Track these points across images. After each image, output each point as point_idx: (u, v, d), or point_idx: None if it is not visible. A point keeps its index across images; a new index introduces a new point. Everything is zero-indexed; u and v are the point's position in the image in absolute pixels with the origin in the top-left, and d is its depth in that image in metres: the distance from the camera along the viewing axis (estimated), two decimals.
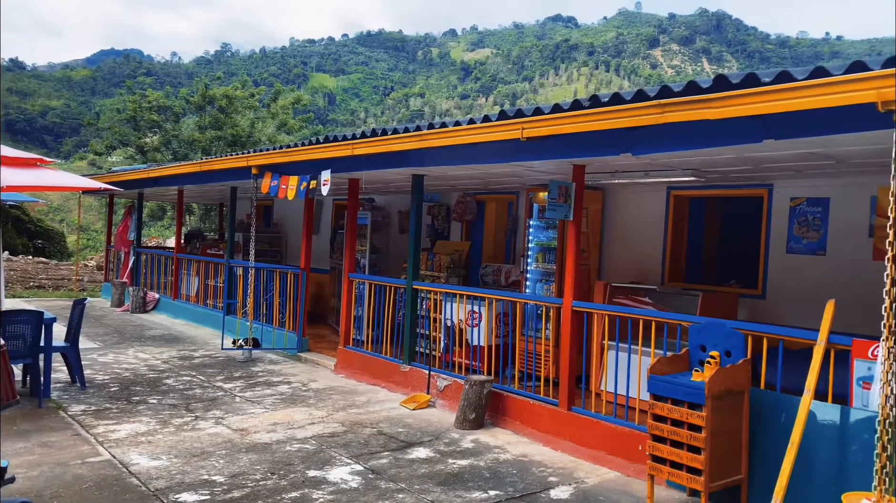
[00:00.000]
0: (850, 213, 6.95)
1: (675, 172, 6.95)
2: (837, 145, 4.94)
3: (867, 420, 4.40)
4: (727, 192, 8.07)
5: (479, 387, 6.84)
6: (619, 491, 5.29)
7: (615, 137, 5.41)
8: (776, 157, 5.67)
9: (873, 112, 3.80)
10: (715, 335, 5.12)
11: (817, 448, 4.64)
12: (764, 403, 4.98)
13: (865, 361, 4.52)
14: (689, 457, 4.71)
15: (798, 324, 5.87)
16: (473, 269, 10.77)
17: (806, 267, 7.28)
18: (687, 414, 4.72)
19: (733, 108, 4.37)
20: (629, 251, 8.94)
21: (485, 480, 5.38)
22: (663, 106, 4.74)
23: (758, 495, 4.83)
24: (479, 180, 9.44)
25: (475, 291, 7.99)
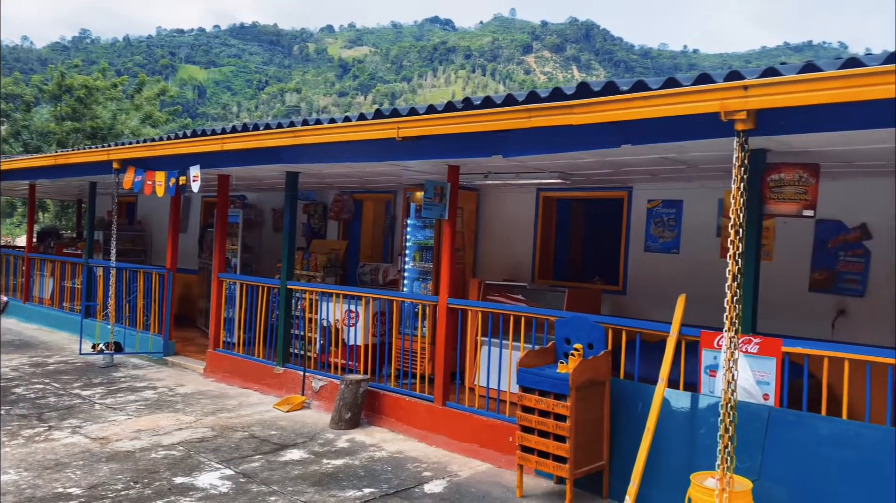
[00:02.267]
0: (701, 214, 7.51)
1: (543, 174, 7.24)
2: (688, 151, 5.33)
3: (713, 405, 4.78)
4: (591, 193, 8.50)
5: (356, 387, 6.83)
6: (490, 482, 5.45)
7: (487, 139, 5.57)
8: (634, 161, 6.04)
9: (717, 121, 4.14)
10: (579, 328, 5.39)
11: (671, 432, 4.99)
12: (623, 392, 5.30)
13: (712, 351, 4.92)
14: (555, 446, 4.94)
15: (655, 318, 6.27)
16: (351, 269, 10.72)
17: (662, 264, 7.79)
18: (553, 404, 4.94)
19: (594, 114, 4.62)
20: (502, 250, 9.22)
21: (359, 479, 5.39)
22: (531, 111, 4.94)
23: (618, 479, 5.13)
24: (356, 179, 9.41)
25: (352, 290, 7.96)
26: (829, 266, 6.66)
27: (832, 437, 4.38)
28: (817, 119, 4.05)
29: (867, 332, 6.35)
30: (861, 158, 5.24)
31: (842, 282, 6.59)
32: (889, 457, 4.15)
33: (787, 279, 6.80)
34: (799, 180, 4.68)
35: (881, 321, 6.34)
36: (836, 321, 6.54)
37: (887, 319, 6.32)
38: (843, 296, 6.58)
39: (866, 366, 4.42)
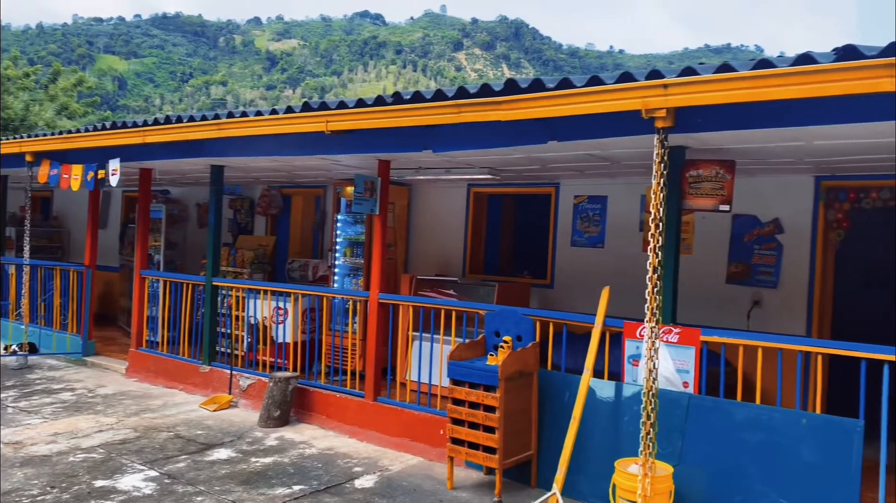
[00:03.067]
0: (624, 209, 7.73)
1: (473, 170, 7.30)
2: (611, 148, 5.48)
3: (636, 393, 4.94)
4: (520, 189, 8.63)
5: (285, 384, 6.74)
6: (421, 475, 5.48)
7: (417, 134, 5.59)
8: (561, 157, 6.17)
9: (639, 118, 4.28)
10: (508, 321, 5.47)
11: (596, 421, 5.13)
12: (551, 383, 5.41)
13: (635, 341, 5.08)
14: (485, 437, 5.00)
15: (582, 310, 6.42)
16: (279, 265, 10.56)
17: (588, 258, 7.98)
18: (483, 396, 5.01)
19: (521, 110, 4.69)
20: (434, 245, 9.26)
21: (289, 476, 5.33)
22: (460, 106, 4.98)
23: (546, 468, 5.24)
24: (284, 173, 9.27)
25: (281, 287, 7.85)
26: (744, 259, 6.97)
27: (747, 421, 4.60)
28: (731, 117, 4.24)
29: (779, 322, 6.68)
30: (773, 156, 5.51)
31: (756, 275, 6.91)
32: (798, 437, 4.39)
33: (705, 272, 7.08)
34: (716, 176, 4.88)
35: (792, 311, 6.69)
36: (752, 311, 6.85)
37: (798, 309, 6.67)
38: (758, 288, 6.90)
39: (778, 354, 4.66)
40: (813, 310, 6.61)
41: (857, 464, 4.21)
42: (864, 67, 3.44)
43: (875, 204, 6.37)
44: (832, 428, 4.35)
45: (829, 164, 5.89)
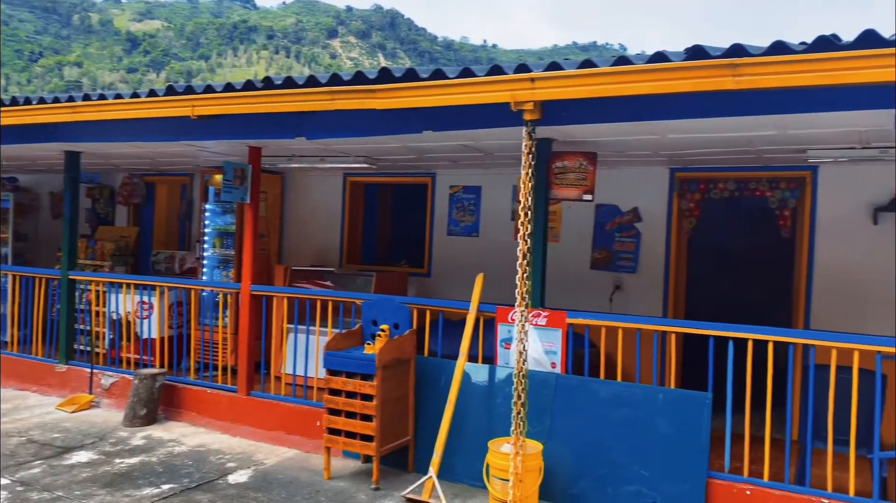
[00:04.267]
0: (497, 199, 7.95)
1: (349, 159, 7.26)
2: (484, 139, 5.63)
3: (509, 375, 5.12)
4: (397, 179, 8.66)
5: (151, 381, 6.44)
6: (297, 467, 5.42)
7: (289, 121, 5.49)
8: (436, 147, 6.26)
9: (509, 111, 4.41)
10: (385, 310, 5.51)
11: (471, 404, 5.27)
12: (427, 369, 5.50)
13: (506, 325, 5.26)
14: (362, 426, 5.02)
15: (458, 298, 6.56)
16: (143, 257, 10.03)
17: (463, 247, 8.15)
18: (360, 385, 5.02)
19: (396, 99, 4.71)
20: (309, 235, 9.12)
21: (157, 475, 5.11)
22: (334, 93, 4.93)
23: (423, 453, 5.32)
24: (147, 160, 8.80)
25: (145, 280, 7.46)
26: (606, 246, 7.37)
27: (609, 398, 4.89)
28: (593, 111, 4.48)
29: (639, 304, 7.13)
30: (631, 148, 5.85)
31: (618, 261, 7.32)
32: (655, 411, 4.71)
33: (572, 258, 7.43)
34: (579, 167, 5.13)
35: (651, 294, 7.15)
36: (613, 295, 7.26)
37: (656, 292, 7.14)
38: (619, 273, 7.32)
39: (636, 334, 4.97)
40: (669, 293, 7.10)
41: (706, 434, 4.58)
42: (709, 66, 3.72)
43: (723, 194, 6.92)
44: (684, 401, 4.71)
45: (682, 156, 6.33)
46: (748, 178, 6.74)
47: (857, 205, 6.30)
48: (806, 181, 6.50)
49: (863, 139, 4.92)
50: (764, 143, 5.29)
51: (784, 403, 4.84)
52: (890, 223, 6.18)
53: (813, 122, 4.41)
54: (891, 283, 6.14)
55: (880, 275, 6.18)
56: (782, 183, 6.61)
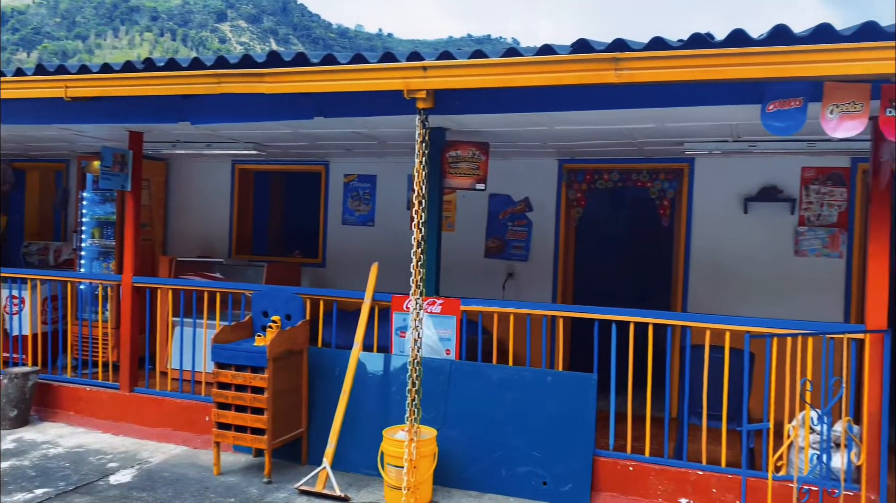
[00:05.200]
0: (392, 188, 7.94)
1: (237, 145, 7.03)
2: (377, 127, 5.60)
3: (404, 363, 5.14)
4: (289, 167, 8.48)
5: (22, 381, 6.02)
6: (185, 464, 5.23)
7: (172, 105, 5.25)
8: (329, 134, 6.17)
9: (402, 98, 4.39)
10: (276, 301, 5.39)
11: (367, 393, 5.26)
12: (321, 360, 5.44)
13: (401, 313, 5.27)
14: (253, 419, 4.90)
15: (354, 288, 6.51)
16: (13, 248, 9.34)
17: (359, 236, 8.09)
18: (250, 377, 4.89)
19: (286, 84, 4.60)
20: (196, 225, 8.78)
21: (30, 480, 4.79)
22: (220, 76, 4.75)
23: (318, 444, 5.26)
24: (15, 144, 8.17)
25: (15, 273, 6.95)
26: (500, 235, 7.52)
27: (502, 382, 5.00)
28: (485, 101, 4.55)
29: (531, 291, 7.33)
30: (522, 139, 5.99)
31: (510, 249, 7.49)
32: (545, 393, 4.87)
33: (466, 247, 7.54)
34: (472, 157, 5.20)
35: (541, 281, 7.36)
36: (506, 283, 7.43)
37: (546, 279, 7.36)
38: (512, 261, 7.49)
39: (527, 319, 5.11)
40: (558, 280, 7.33)
41: (592, 413, 4.78)
42: (593, 60, 3.86)
43: (607, 184, 7.21)
44: (571, 382, 4.89)
45: (570, 148, 6.54)
46: (631, 170, 7.05)
47: (729, 195, 6.73)
48: (683, 172, 6.87)
49: (734, 133, 5.24)
50: (644, 135, 5.54)
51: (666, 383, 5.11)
52: (758, 212, 6.64)
53: (689, 115, 4.66)
54: (760, 268, 6.60)
55: (750, 260, 6.64)
56: (662, 174, 6.96)
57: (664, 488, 4.65)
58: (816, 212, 6.49)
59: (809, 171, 6.51)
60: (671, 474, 4.65)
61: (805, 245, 6.52)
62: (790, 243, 6.56)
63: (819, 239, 6.48)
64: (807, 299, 6.44)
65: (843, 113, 3.71)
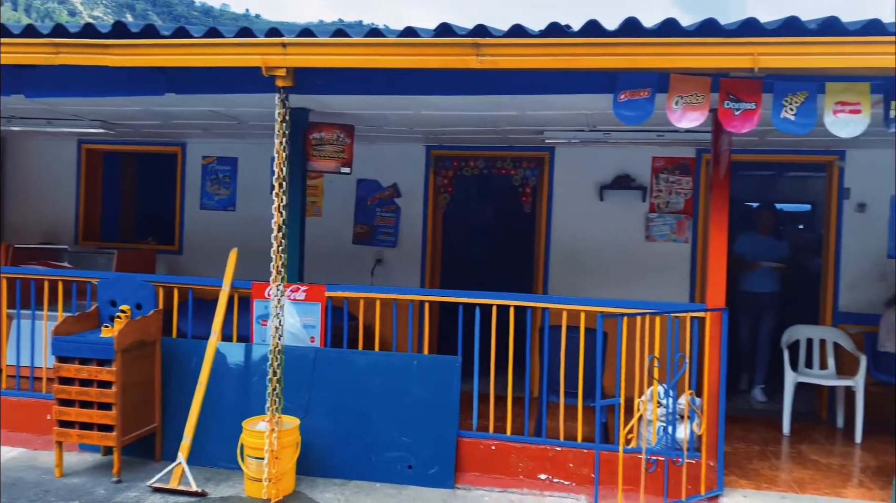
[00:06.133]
0: (255, 171, 7.65)
1: (82, 123, 6.51)
2: (236, 105, 5.36)
3: (265, 353, 4.96)
4: (142, 147, 7.97)
5: None
6: (23, 467, 4.80)
7: (4, 76, 4.77)
8: (183, 113, 5.83)
9: (260, 76, 4.22)
10: (125, 289, 5.05)
11: (226, 384, 5.04)
12: (176, 351, 5.16)
13: (263, 301, 5.09)
14: (99, 416, 4.57)
15: (214, 275, 6.21)
16: None
17: (218, 222, 7.74)
18: (96, 371, 4.56)
19: (134, 56, 4.29)
20: (36, 209, 8.07)
21: None
22: (58, 46, 4.36)
23: (173, 439, 4.98)
24: None
25: None
26: (368, 221, 7.45)
27: (368, 368, 4.96)
28: (349, 82, 4.46)
29: (400, 277, 7.32)
30: (389, 123, 5.94)
31: (379, 235, 7.44)
32: (411, 378, 4.87)
33: (334, 233, 7.41)
34: (337, 140, 5.10)
35: (410, 266, 7.37)
36: (375, 269, 7.38)
37: (414, 264, 7.38)
38: (380, 247, 7.45)
39: (393, 304, 5.09)
40: (426, 265, 7.37)
41: (456, 396, 4.84)
42: (455, 45, 3.87)
43: (473, 171, 7.31)
44: (437, 366, 4.93)
45: (437, 134, 6.58)
46: (496, 157, 7.19)
47: (586, 183, 7.02)
48: (545, 161, 7.10)
49: (590, 122, 5.46)
50: (507, 123, 5.66)
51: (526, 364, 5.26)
52: (613, 200, 6.98)
53: (548, 104, 4.80)
54: (613, 253, 6.95)
55: (605, 245, 6.97)
56: (524, 162, 7.15)
57: (525, 465, 4.80)
58: (665, 199, 6.91)
59: (659, 161, 6.91)
60: (531, 451, 4.80)
61: (655, 231, 6.93)
62: (642, 229, 6.95)
63: (668, 225, 6.90)
64: (657, 281, 6.85)
65: (687, 104, 3.94)
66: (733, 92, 3.93)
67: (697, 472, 4.48)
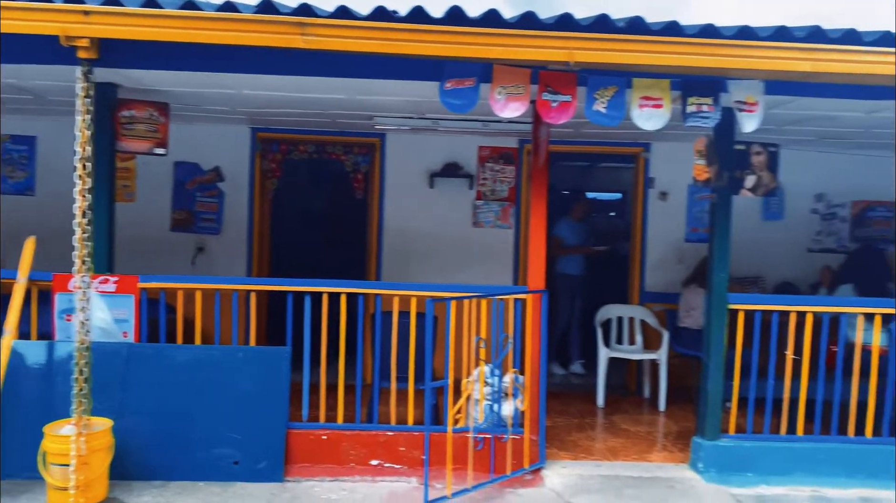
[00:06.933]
0: (59, 152, 6.92)
1: None
2: (31, 78, 4.83)
3: (70, 351, 4.52)
4: None
5: None
6: None
7: None
8: None
9: (60, 46, 3.81)
10: None
11: (25, 388, 4.55)
12: None
13: (67, 294, 4.63)
14: None
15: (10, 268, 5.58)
16: None
17: (14, 208, 6.94)
18: None
19: None
20: None
21: None
22: None
23: None
24: None
25: None
26: (188, 206, 7.03)
27: (189, 363, 4.68)
28: (162, 56, 4.17)
29: (224, 265, 6.99)
30: (209, 102, 5.62)
31: (200, 222, 7.05)
32: (237, 371, 4.67)
33: (150, 219, 6.92)
34: (150, 118, 4.75)
35: (235, 254, 7.06)
36: (196, 258, 6.99)
37: (240, 252, 7.08)
38: (202, 235, 7.06)
39: (216, 295, 4.85)
40: (253, 253, 7.10)
41: (286, 387, 4.71)
42: (279, 23, 3.72)
43: (303, 156, 7.13)
44: (265, 357, 4.77)
45: (262, 116, 6.33)
46: (326, 142, 7.06)
47: (417, 170, 7.10)
48: (376, 147, 7.08)
49: (419, 109, 5.50)
50: (337, 107, 5.56)
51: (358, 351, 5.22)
52: (443, 187, 7.11)
53: (377, 89, 4.77)
54: (443, 239, 7.10)
55: (436, 232, 7.10)
56: (356, 148, 7.09)
57: (357, 453, 4.77)
58: (491, 187, 7.15)
59: (485, 150, 7.13)
60: (363, 438, 4.79)
61: (482, 217, 7.15)
62: (469, 216, 7.15)
63: (493, 212, 7.15)
64: (484, 266, 7.09)
65: (509, 94, 4.08)
66: (551, 84, 4.13)
67: (521, 447, 4.69)
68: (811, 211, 7.47)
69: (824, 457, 4.89)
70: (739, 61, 3.90)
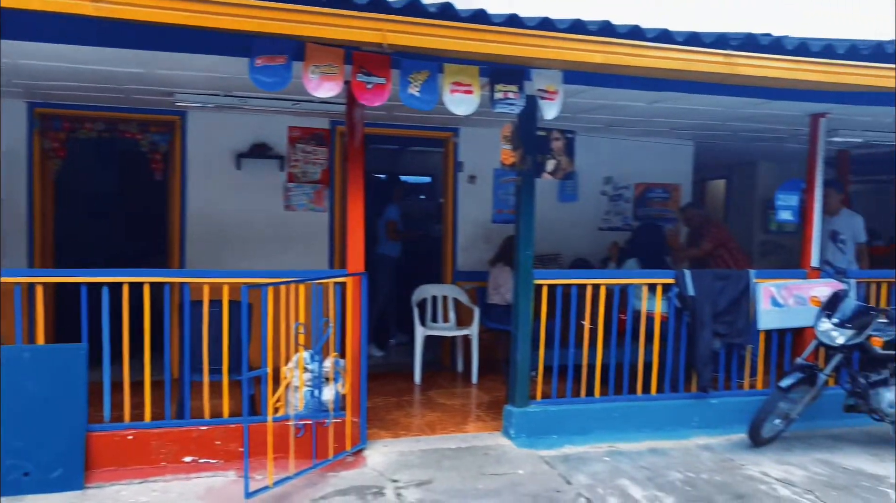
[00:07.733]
0: None
1: None
2: None
3: None
4: None
5: None
6: None
7: None
8: None
9: None
10: None
11: None
12: None
13: None
14: None
15: None
16: None
17: None
18: None
19: None
20: None
21: None
22: None
23: None
24: None
25: None
26: None
27: None
28: None
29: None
30: None
31: None
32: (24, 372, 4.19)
33: None
34: None
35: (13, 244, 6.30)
36: None
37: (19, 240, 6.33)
38: None
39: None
40: (34, 241, 6.38)
41: (83, 387, 4.31)
42: None
43: (90, 134, 6.50)
44: (56, 356, 4.34)
45: (42, 89, 5.67)
46: (118, 119, 6.48)
47: (222, 151, 6.76)
48: (176, 125, 6.63)
49: (225, 86, 5.23)
50: (132, 81, 5.13)
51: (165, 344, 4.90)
52: (251, 169, 6.84)
53: (179, 63, 4.46)
54: (256, 223, 6.84)
55: (246, 216, 6.82)
56: (153, 126, 6.59)
57: (167, 450, 4.50)
58: (302, 169, 7.00)
59: (296, 131, 6.96)
60: (174, 435, 4.52)
61: (294, 200, 6.99)
62: (281, 199, 6.95)
63: (306, 195, 7.01)
64: (299, 250, 6.93)
65: (323, 74, 4.01)
66: (365, 66, 4.12)
67: (343, 430, 4.69)
68: (601, 193, 8.15)
69: (618, 415, 5.41)
70: (540, 51, 4.14)
